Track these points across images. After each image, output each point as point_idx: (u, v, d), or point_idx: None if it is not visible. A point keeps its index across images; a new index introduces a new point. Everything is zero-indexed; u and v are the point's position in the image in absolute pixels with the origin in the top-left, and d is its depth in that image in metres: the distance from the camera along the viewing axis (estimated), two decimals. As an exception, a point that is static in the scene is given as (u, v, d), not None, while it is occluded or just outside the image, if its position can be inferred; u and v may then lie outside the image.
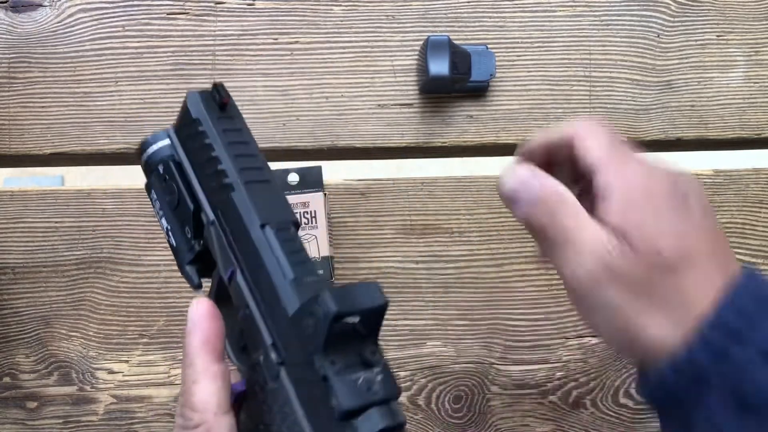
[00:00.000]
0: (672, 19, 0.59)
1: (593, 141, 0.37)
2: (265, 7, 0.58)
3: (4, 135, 0.57)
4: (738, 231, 0.59)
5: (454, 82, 0.52)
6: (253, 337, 0.32)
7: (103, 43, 0.57)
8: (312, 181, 0.54)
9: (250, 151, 0.35)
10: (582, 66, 0.50)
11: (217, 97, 0.36)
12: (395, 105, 0.58)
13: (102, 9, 0.57)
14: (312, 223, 0.51)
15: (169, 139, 0.37)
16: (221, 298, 0.35)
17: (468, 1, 0.59)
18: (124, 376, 0.56)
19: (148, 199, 0.39)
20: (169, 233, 0.37)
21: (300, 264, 0.32)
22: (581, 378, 0.57)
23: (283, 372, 0.30)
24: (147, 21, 0.57)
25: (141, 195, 0.56)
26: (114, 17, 0.57)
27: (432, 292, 0.57)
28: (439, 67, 0.53)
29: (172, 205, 0.37)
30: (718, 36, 0.60)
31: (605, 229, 0.35)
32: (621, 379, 0.58)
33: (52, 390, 0.56)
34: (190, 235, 0.36)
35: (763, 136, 0.60)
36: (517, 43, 0.59)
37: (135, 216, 0.57)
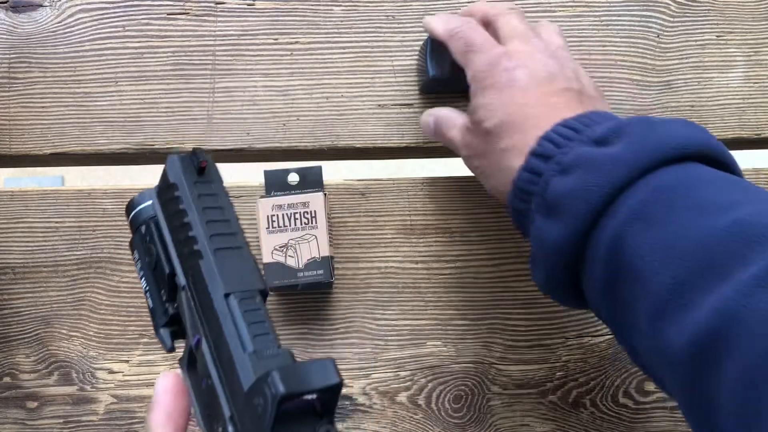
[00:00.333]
0: (672, 19, 0.60)
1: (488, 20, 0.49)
2: (266, 7, 0.58)
3: (4, 135, 0.57)
4: (738, 231, 0.59)
5: (454, 82, 0.52)
6: (214, 407, 0.32)
7: (103, 43, 0.57)
8: (312, 181, 0.54)
9: (225, 216, 0.35)
10: (582, 66, 0.50)
11: (195, 161, 0.35)
12: (395, 105, 0.58)
13: (102, 9, 0.57)
14: (312, 223, 0.52)
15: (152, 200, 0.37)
16: (192, 364, 0.35)
17: (468, 1, 0.59)
18: (124, 376, 0.56)
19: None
20: (147, 294, 0.37)
21: (261, 336, 0.32)
22: (581, 378, 0.57)
23: None
24: (147, 21, 0.57)
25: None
26: (114, 17, 0.57)
27: (432, 292, 0.57)
28: (440, 67, 0.53)
29: (150, 266, 0.37)
30: (717, 36, 0.60)
31: (466, 119, 0.48)
32: (621, 378, 0.58)
33: (53, 390, 0.56)
34: (165, 298, 0.36)
35: (762, 136, 0.60)
36: (517, 43, 0.59)
37: (135, 216, 0.57)
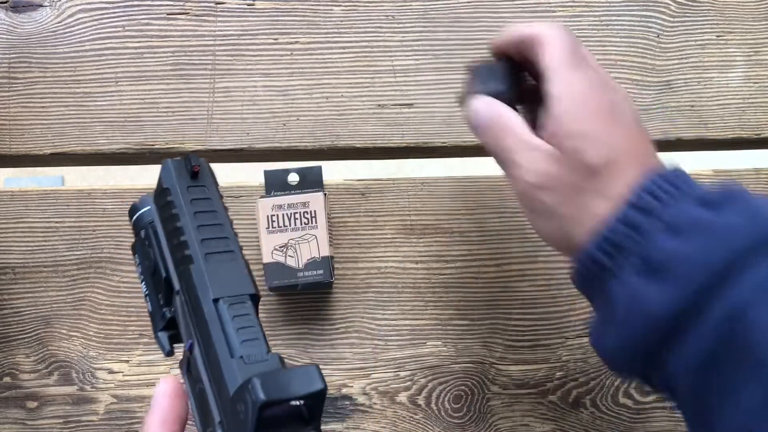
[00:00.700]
0: (672, 19, 0.60)
1: (549, 47, 0.40)
2: (265, 7, 0.58)
3: (5, 135, 0.57)
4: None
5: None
6: (205, 411, 0.32)
7: (103, 43, 0.57)
8: (312, 181, 0.54)
9: (217, 220, 0.35)
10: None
11: (188, 166, 0.35)
12: (395, 105, 0.58)
13: (102, 9, 0.57)
14: (312, 223, 0.52)
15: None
16: (189, 367, 0.35)
17: (468, 1, 0.59)
18: (124, 375, 0.56)
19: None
20: (147, 298, 0.37)
21: (250, 341, 0.31)
22: (581, 378, 0.57)
23: None
24: (147, 21, 0.57)
25: (141, 195, 0.56)
26: (114, 17, 0.57)
27: (432, 292, 0.57)
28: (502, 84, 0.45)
29: (149, 270, 0.37)
30: (717, 36, 0.60)
31: (541, 141, 0.39)
32: (621, 378, 0.58)
33: (53, 390, 0.56)
34: (162, 302, 0.36)
35: (762, 136, 0.60)
36: (517, 43, 0.59)
37: (135, 216, 0.57)
